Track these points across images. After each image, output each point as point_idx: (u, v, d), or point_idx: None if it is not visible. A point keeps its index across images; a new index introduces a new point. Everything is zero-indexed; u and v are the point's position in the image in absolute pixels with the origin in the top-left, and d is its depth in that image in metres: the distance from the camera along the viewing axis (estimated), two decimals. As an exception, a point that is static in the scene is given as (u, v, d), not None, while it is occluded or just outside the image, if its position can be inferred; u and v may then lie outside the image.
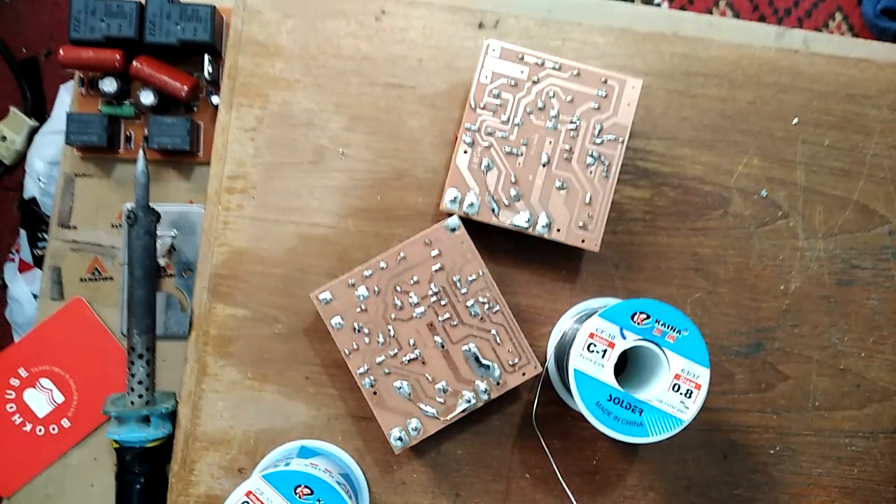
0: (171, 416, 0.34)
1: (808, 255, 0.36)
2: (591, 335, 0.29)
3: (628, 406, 0.29)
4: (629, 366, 0.33)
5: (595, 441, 0.35)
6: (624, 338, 0.29)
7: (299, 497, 0.28)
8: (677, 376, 0.29)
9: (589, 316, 0.30)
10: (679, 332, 0.29)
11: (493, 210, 0.33)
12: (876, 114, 0.36)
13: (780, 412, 0.36)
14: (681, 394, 0.29)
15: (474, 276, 0.33)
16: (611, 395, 0.29)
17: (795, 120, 0.36)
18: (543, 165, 0.33)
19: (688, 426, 0.29)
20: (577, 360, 0.29)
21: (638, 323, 0.29)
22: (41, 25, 0.80)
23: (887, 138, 0.36)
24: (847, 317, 0.36)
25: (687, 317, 0.29)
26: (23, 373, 0.38)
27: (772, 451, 0.36)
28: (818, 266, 0.36)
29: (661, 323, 0.29)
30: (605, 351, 0.29)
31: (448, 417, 0.32)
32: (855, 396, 0.36)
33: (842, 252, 0.36)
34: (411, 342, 0.32)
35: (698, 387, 0.29)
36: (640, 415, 0.29)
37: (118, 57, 0.36)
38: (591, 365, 0.29)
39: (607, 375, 0.29)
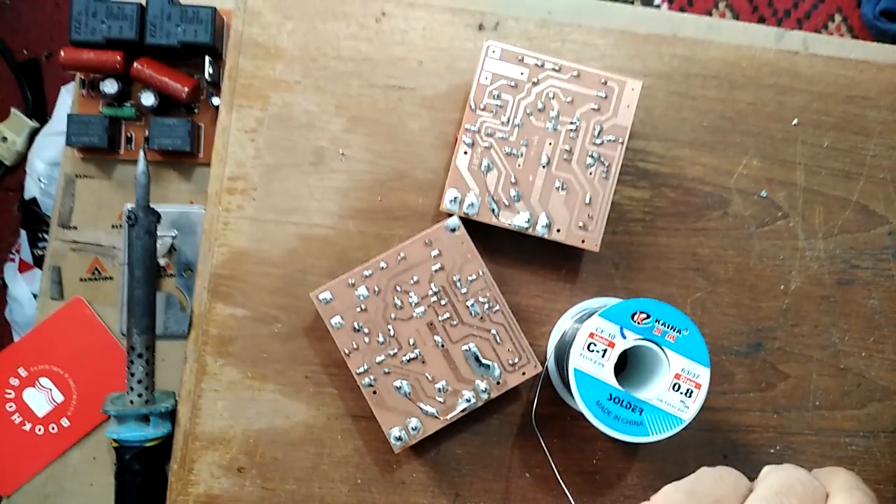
0: (171, 416, 0.34)
1: (808, 255, 0.36)
2: (592, 335, 0.29)
3: (628, 405, 0.29)
4: (629, 365, 0.33)
5: (595, 441, 0.35)
6: (624, 337, 0.29)
7: (637, 323, 0.29)
8: (677, 376, 0.29)
9: (589, 316, 0.30)
10: (679, 331, 0.29)
11: (493, 210, 0.33)
12: (875, 115, 0.36)
13: (781, 412, 0.36)
14: (681, 393, 0.29)
15: (474, 276, 0.33)
16: (611, 395, 0.29)
17: (795, 121, 0.36)
18: (543, 166, 0.33)
19: (688, 426, 0.29)
20: (577, 360, 0.29)
21: (638, 322, 0.29)
22: (42, 27, 0.81)
23: (886, 139, 0.36)
24: (847, 316, 0.36)
25: (687, 316, 0.29)
26: (22, 372, 0.38)
27: (772, 451, 0.35)
28: (818, 266, 0.36)
29: (661, 322, 0.29)
30: (605, 350, 0.29)
31: (448, 417, 0.32)
32: (855, 396, 0.36)
33: (842, 252, 0.36)
34: (411, 342, 0.32)
35: (698, 386, 0.29)
36: (641, 414, 0.29)
37: (119, 58, 0.37)
38: (591, 364, 0.29)
39: (607, 375, 0.29)
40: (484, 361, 0.33)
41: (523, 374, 0.33)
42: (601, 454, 0.35)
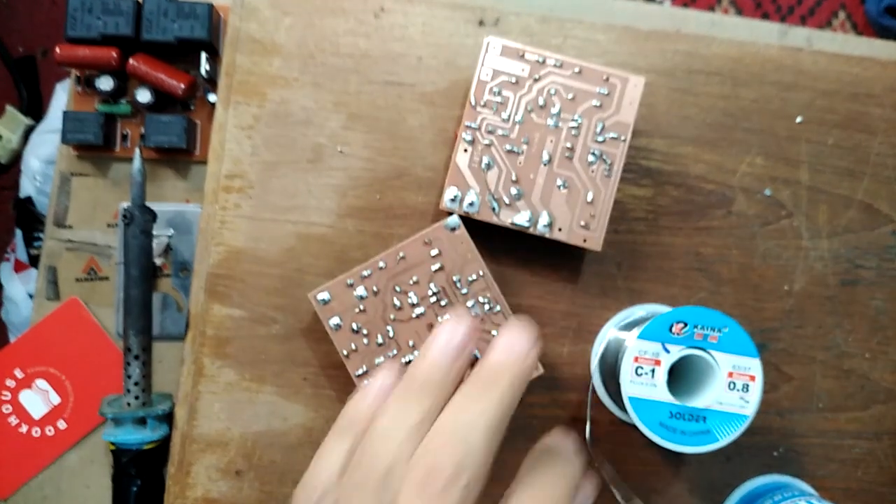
0: (168, 418, 0.34)
1: (812, 254, 0.36)
2: (636, 359, 0.29)
3: (691, 417, 0.29)
4: (681, 374, 0.32)
5: (597, 444, 0.35)
6: (668, 352, 0.29)
7: (677, 334, 0.29)
8: (730, 374, 0.29)
9: (633, 325, 0.30)
10: (719, 330, 0.29)
11: (493, 209, 0.32)
12: (880, 112, 0.36)
13: (784, 413, 0.35)
14: (738, 390, 0.29)
15: (474, 276, 0.32)
16: (671, 412, 0.29)
17: (799, 118, 0.36)
18: (545, 164, 0.32)
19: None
20: (630, 387, 0.29)
21: (677, 333, 0.29)
22: (38, 23, 0.80)
23: (891, 137, 0.36)
24: (851, 317, 0.36)
25: (723, 313, 0.29)
26: (18, 374, 0.37)
27: (775, 454, 0.35)
28: (822, 266, 0.36)
29: (699, 327, 0.29)
30: (653, 370, 0.29)
31: (448, 419, 0.32)
32: (859, 398, 0.35)
33: (846, 252, 0.36)
34: (411, 343, 0.32)
35: (752, 378, 0.29)
36: (705, 422, 0.29)
37: (115, 55, 0.36)
38: (644, 388, 0.29)
39: (661, 393, 0.29)
40: (484, 362, 0.32)
41: (524, 375, 0.32)
42: (603, 457, 0.35)
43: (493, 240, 0.34)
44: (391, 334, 0.32)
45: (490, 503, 0.35)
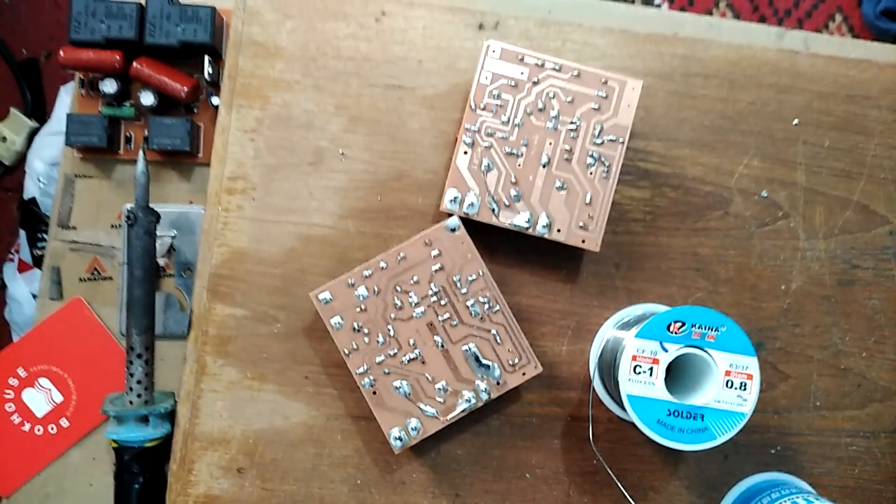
0: (170, 416, 0.34)
1: (809, 255, 0.36)
2: (634, 357, 0.29)
3: (689, 415, 0.29)
4: (679, 373, 0.33)
5: (594, 441, 0.35)
6: (665, 350, 0.29)
7: (674, 333, 0.29)
8: (727, 372, 0.29)
9: (631, 325, 0.30)
10: (717, 329, 0.29)
11: (493, 210, 0.33)
12: (876, 114, 0.36)
13: (781, 412, 0.36)
14: (735, 388, 0.29)
15: (474, 276, 0.32)
16: (669, 410, 0.29)
17: (796, 121, 0.36)
18: (543, 166, 0.33)
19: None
20: (628, 385, 0.29)
21: (675, 332, 0.29)
22: (41, 26, 0.81)
23: (887, 139, 0.36)
24: (848, 317, 0.36)
25: (720, 312, 0.29)
26: (22, 372, 0.38)
27: (773, 451, 0.35)
28: (819, 266, 0.36)
29: (697, 326, 0.29)
30: (651, 368, 0.29)
31: (448, 417, 0.32)
32: (856, 396, 0.36)
33: (842, 252, 0.36)
34: (411, 342, 0.32)
35: (750, 377, 0.29)
36: (703, 420, 0.29)
37: (118, 58, 0.36)
38: (642, 386, 0.29)
39: (660, 391, 0.29)
40: (484, 362, 0.32)
41: (523, 374, 0.33)
42: (601, 454, 0.35)
43: (493, 240, 0.35)
44: (392, 333, 0.32)
45: (491, 500, 0.35)
